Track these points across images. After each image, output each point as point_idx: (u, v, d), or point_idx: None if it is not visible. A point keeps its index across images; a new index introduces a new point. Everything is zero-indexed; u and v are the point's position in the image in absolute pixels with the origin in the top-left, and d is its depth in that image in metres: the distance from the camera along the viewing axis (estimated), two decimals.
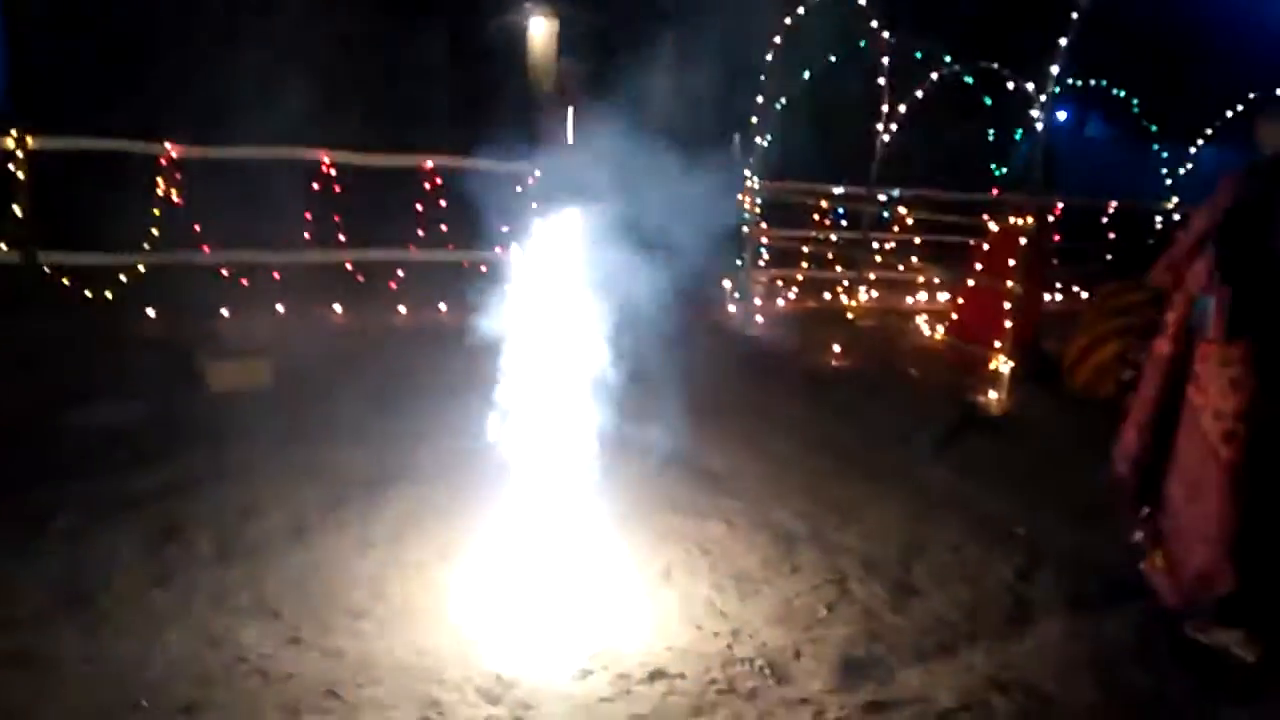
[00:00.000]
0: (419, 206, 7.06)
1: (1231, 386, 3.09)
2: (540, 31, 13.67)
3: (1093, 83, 8.87)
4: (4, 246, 6.12)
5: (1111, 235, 9.55)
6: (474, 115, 8.17)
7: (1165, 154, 10.09)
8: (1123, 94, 9.70)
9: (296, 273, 6.73)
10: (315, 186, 6.75)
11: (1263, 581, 3.12)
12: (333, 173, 6.81)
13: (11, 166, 6.00)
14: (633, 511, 4.00)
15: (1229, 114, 9.49)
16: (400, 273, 7.20)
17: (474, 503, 3.91)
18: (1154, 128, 10.06)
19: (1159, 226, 9.75)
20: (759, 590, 3.45)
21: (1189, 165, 9.96)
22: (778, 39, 7.44)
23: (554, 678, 2.82)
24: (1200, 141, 9.88)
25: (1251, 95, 9.17)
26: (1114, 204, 9.46)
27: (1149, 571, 3.40)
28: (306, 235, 6.83)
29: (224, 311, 6.50)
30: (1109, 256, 9.38)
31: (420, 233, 7.17)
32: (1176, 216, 9.61)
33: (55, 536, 3.47)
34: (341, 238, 6.98)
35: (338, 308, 6.92)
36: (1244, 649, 3.11)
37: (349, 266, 6.98)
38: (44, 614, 2.95)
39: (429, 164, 6.86)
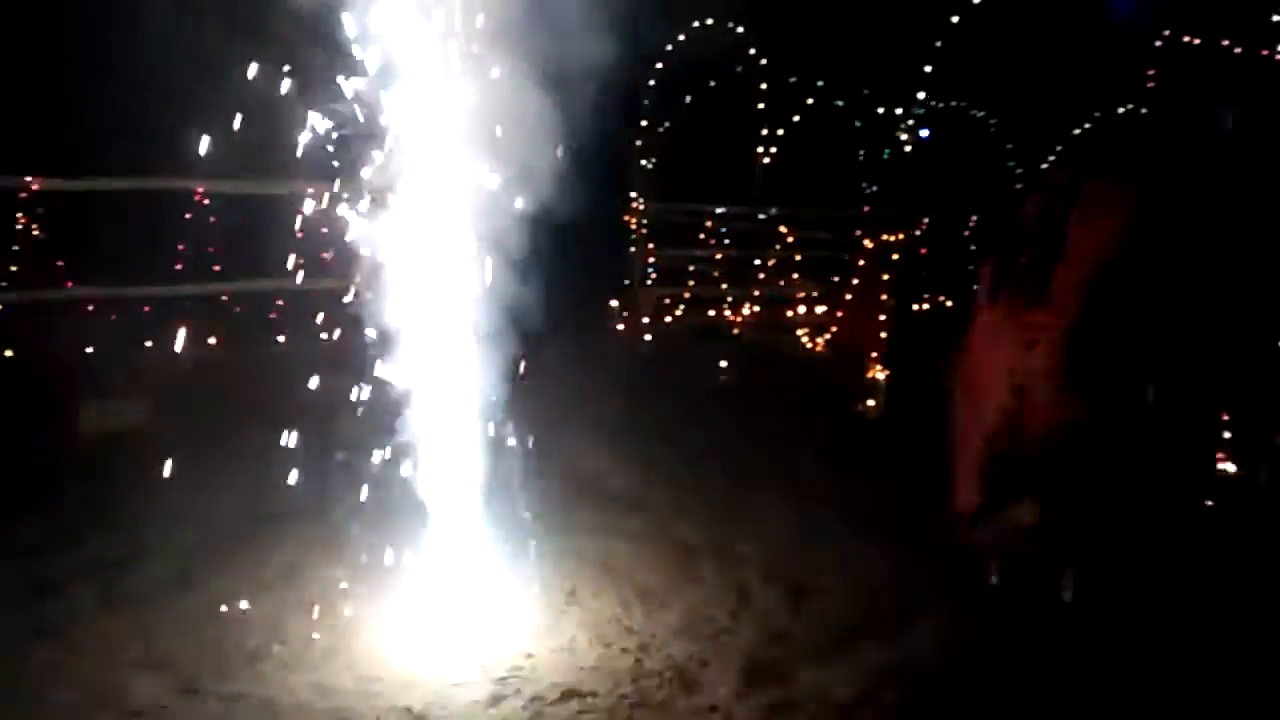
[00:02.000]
0: (299, 234, 6.87)
1: (988, 341, 3.51)
2: None
3: (954, 104, 9.39)
4: None
5: (973, 247, 10.14)
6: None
7: (1020, 170, 10.81)
8: (980, 115, 10.38)
9: (170, 306, 6.46)
10: (188, 217, 6.52)
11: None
12: (207, 202, 6.60)
13: None
14: (535, 534, 4.02)
15: (1076, 132, 10.30)
16: (280, 302, 7.01)
17: (371, 535, 3.85)
18: (1009, 145, 10.78)
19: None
20: (664, 604, 3.53)
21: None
22: (659, 64, 7.66)
23: (466, 706, 2.82)
24: (1050, 159, 10.60)
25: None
26: (975, 218, 10.05)
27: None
28: (179, 267, 6.57)
29: (90, 349, 6.17)
30: (971, 267, 9.92)
31: (299, 260, 7.00)
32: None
33: None
34: (217, 268, 6.75)
35: (213, 340, 6.68)
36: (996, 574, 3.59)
37: (225, 298, 6.76)
38: None
39: (309, 190, 6.71)
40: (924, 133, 9.00)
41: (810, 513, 4.47)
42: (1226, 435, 4.14)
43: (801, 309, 8.72)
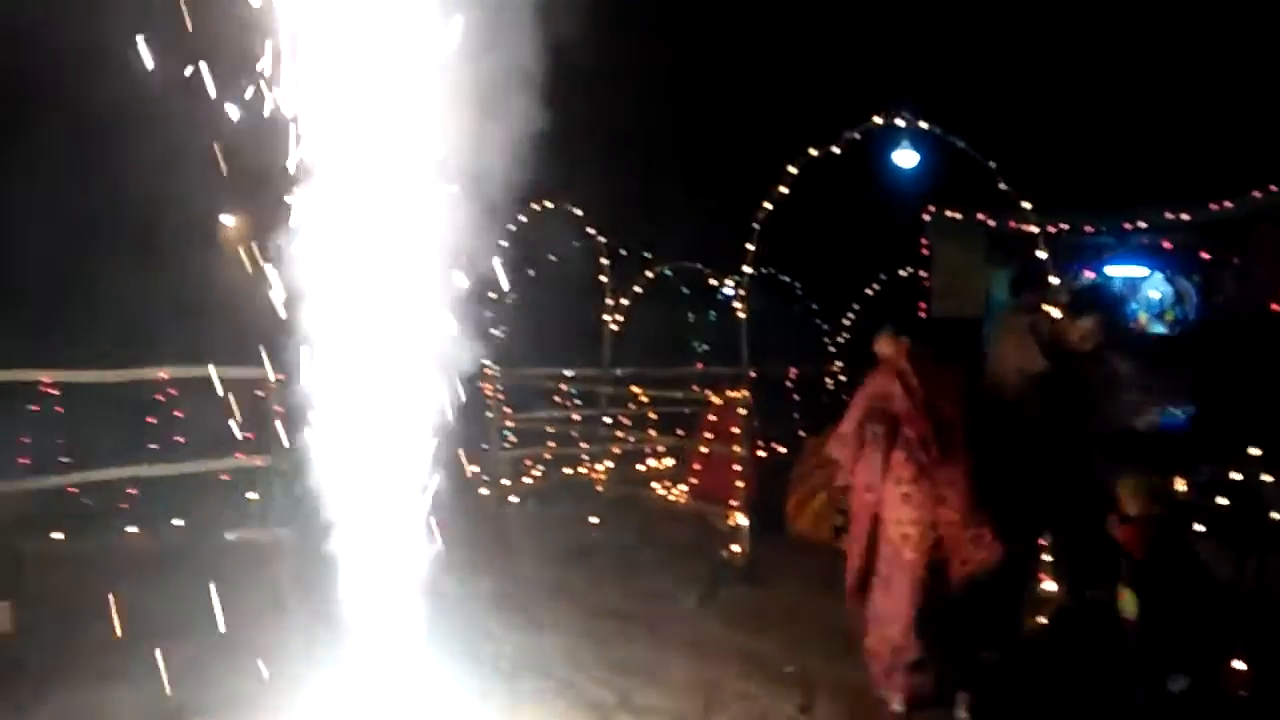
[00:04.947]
0: (152, 419, 6.76)
1: (903, 500, 4.10)
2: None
3: (762, 271, 10.48)
4: None
5: (796, 396, 11.17)
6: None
7: (825, 325, 12.14)
8: (787, 279, 11.69)
9: (10, 503, 6.08)
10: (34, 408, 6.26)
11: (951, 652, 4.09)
12: (54, 392, 6.39)
13: None
14: (440, 705, 4.09)
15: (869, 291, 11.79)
16: (132, 491, 6.75)
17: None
18: (815, 305, 12.13)
19: (830, 386, 11.58)
20: None
21: (846, 335, 12.04)
22: (503, 243, 8.24)
23: None
24: (851, 315, 12.03)
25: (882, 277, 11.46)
26: (794, 369, 11.13)
27: (865, 652, 4.31)
28: (24, 461, 6.24)
29: None
30: (796, 415, 10.92)
31: (154, 446, 6.85)
32: (843, 378, 11.48)
33: None
34: (65, 460, 6.45)
35: (59, 535, 6.31)
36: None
37: (73, 490, 6.43)
38: None
39: (163, 374, 6.65)
40: (728, 289, 9.91)
41: (703, 660, 4.81)
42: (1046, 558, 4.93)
43: (653, 462, 9.25)
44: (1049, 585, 5.04)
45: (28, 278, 9.19)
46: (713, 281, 8.89)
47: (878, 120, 6.57)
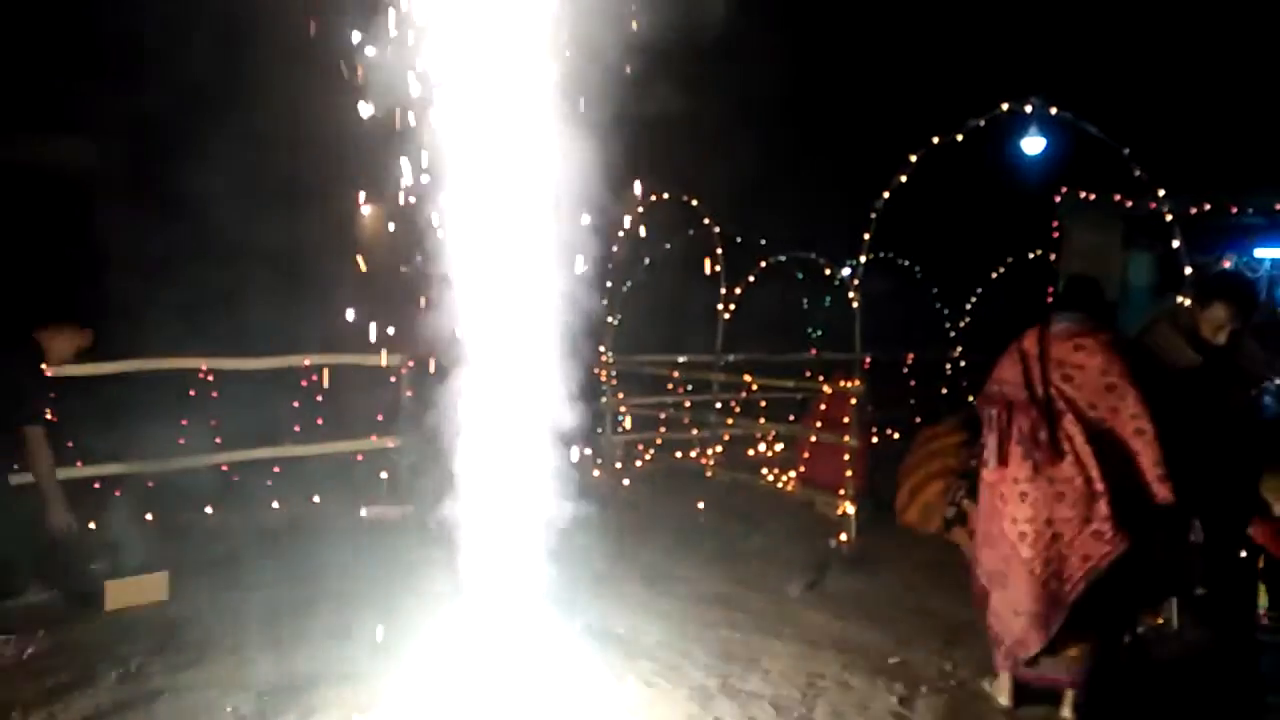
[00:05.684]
0: (295, 404, 7.30)
1: (1020, 498, 3.99)
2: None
3: (880, 255, 10.30)
4: None
5: (912, 383, 10.96)
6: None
7: (946, 310, 11.82)
8: (906, 262, 11.43)
9: (172, 479, 6.69)
10: (192, 393, 6.88)
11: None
12: (209, 378, 6.99)
13: None
14: (552, 682, 4.29)
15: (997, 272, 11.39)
16: (276, 469, 7.31)
17: (403, 693, 4.13)
18: (935, 289, 11.83)
19: (949, 373, 11.30)
20: None
21: (967, 319, 11.69)
22: (621, 232, 8.43)
23: None
24: (974, 299, 11.65)
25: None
26: (911, 355, 10.92)
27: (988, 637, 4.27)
28: (180, 441, 6.85)
29: (92, 525, 6.33)
30: (911, 401, 10.73)
31: (296, 428, 7.40)
32: (962, 364, 11.19)
33: None
34: (217, 440, 7.04)
35: (209, 510, 6.90)
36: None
37: (224, 468, 7.02)
38: None
39: (307, 362, 7.16)
40: (845, 271, 9.80)
41: (806, 649, 4.87)
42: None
43: (764, 448, 9.31)
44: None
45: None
46: (828, 271, 8.84)
47: (1005, 107, 6.38)
